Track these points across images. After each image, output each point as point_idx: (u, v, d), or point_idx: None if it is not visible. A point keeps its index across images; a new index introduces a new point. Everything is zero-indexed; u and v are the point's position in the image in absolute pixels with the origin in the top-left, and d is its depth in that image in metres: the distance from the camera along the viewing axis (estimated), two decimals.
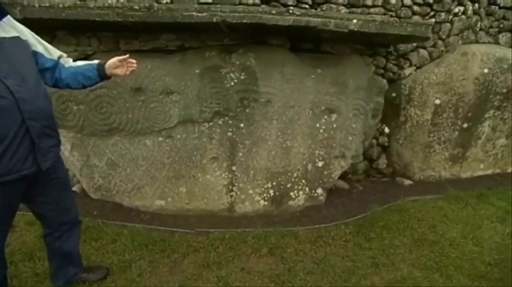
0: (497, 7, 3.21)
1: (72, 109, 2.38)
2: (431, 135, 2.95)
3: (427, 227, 2.45)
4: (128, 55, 1.51)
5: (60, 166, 1.54)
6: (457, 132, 2.99)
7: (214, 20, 1.90)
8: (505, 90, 2.98)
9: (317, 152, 2.70)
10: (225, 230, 2.40)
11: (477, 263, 2.14)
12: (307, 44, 2.71)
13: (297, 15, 1.94)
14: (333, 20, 1.96)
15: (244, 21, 1.91)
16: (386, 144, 3.21)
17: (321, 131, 2.67)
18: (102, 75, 1.49)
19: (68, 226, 1.61)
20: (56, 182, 1.48)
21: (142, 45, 2.45)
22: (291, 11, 1.93)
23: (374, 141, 3.17)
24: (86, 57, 2.41)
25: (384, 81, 2.83)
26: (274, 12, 1.92)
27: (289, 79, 2.51)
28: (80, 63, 1.51)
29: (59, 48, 1.51)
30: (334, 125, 2.69)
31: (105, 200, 2.67)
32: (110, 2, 2.29)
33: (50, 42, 1.48)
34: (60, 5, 1.91)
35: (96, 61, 1.51)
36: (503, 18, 3.28)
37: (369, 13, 2.69)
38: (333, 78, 2.61)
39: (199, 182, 2.60)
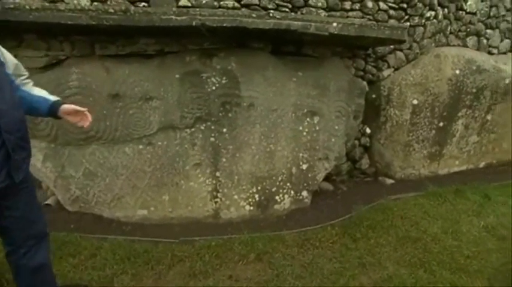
0: (464, 12, 3.39)
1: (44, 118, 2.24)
2: (411, 134, 3.05)
3: (410, 224, 2.52)
4: (86, 109, 1.43)
5: (29, 176, 1.45)
6: (434, 131, 3.11)
7: (194, 23, 1.86)
8: (474, 90, 3.14)
9: (301, 155, 2.71)
10: (210, 237, 2.34)
11: (457, 256, 2.21)
12: (289, 47, 2.73)
13: (278, 19, 1.94)
14: (313, 24, 1.98)
15: (225, 24, 1.89)
16: (368, 144, 3.28)
17: (304, 133, 2.68)
18: (53, 113, 1.40)
19: (35, 240, 1.49)
20: (25, 193, 1.39)
21: (119, 49, 2.36)
22: (271, 15, 1.93)
23: (356, 142, 3.23)
24: (59, 63, 2.29)
25: (364, 83, 2.90)
26: (254, 15, 1.91)
27: (271, 82, 2.51)
28: (36, 92, 1.42)
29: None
30: (317, 128, 2.71)
31: (83, 212, 2.54)
32: (82, 4, 2.20)
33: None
34: (27, 7, 1.80)
35: (53, 98, 1.42)
36: (470, 23, 3.47)
37: (347, 16, 2.75)
38: (314, 81, 2.63)
39: (183, 189, 2.53)
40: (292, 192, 2.75)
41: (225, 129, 2.47)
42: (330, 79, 2.66)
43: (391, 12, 2.92)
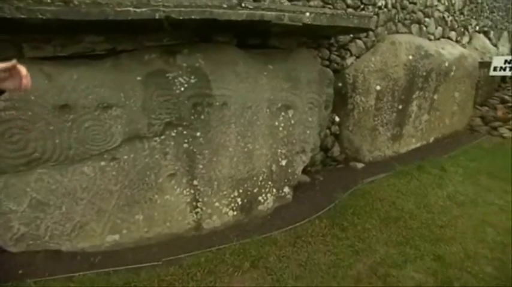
0: (408, 2, 3.66)
1: None
2: (376, 119, 3.20)
3: (388, 205, 2.65)
4: (14, 61, 0.98)
5: None
6: (394, 114, 3.31)
7: (157, 16, 1.60)
8: (425, 73, 3.42)
9: (279, 151, 2.63)
10: (197, 252, 2.14)
11: (433, 228, 2.40)
12: (255, 39, 2.59)
13: (250, 9, 1.78)
14: (286, 14, 1.87)
15: (193, 16, 1.67)
16: (337, 132, 3.36)
17: (280, 128, 2.61)
18: None
19: None
20: None
21: (58, 50, 1.95)
22: (243, 5, 1.76)
23: (327, 131, 3.28)
24: None
25: (331, 72, 2.92)
26: (225, 6, 1.73)
27: (243, 78, 2.36)
28: None
29: None
30: (292, 121, 2.66)
31: (34, 251, 2.09)
32: None
33: None
34: None
35: None
36: (412, 11, 3.76)
37: (309, 6, 2.71)
38: (285, 73, 2.55)
39: (158, 204, 2.26)
40: (274, 190, 2.67)
41: (198, 133, 2.25)
42: (300, 71, 2.61)
43: (349, 1, 2.97)
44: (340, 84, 3.11)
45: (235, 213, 2.51)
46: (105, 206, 2.13)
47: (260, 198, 2.60)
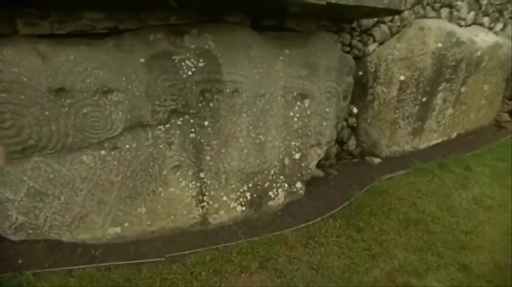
0: None
1: None
2: (397, 111, 2.96)
3: (408, 205, 2.46)
4: None
5: None
6: (417, 107, 3.06)
7: None
8: (454, 63, 3.12)
9: (293, 143, 2.45)
10: (202, 249, 2.02)
11: (457, 233, 2.21)
12: (270, 20, 2.35)
13: None
14: None
15: None
16: (355, 125, 3.14)
17: (295, 119, 2.41)
18: None
19: None
20: None
21: (55, 28, 1.78)
22: None
23: (344, 123, 3.06)
24: None
25: (352, 59, 2.67)
26: None
27: (257, 63, 2.15)
28: None
29: None
30: (308, 112, 2.45)
31: (35, 240, 2.01)
32: None
33: None
34: None
35: None
36: None
37: None
38: (303, 59, 2.33)
39: (162, 197, 2.13)
40: (285, 185, 2.51)
41: (206, 123, 2.08)
42: (320, 57, 2.38)
43: None
44: (360, 73, 2.87)
45: (243, 208, 2.37)
46: (106, 197, 2.01)
47: (271, 193, 2.45)
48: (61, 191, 1.90)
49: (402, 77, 2.80)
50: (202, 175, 2.19)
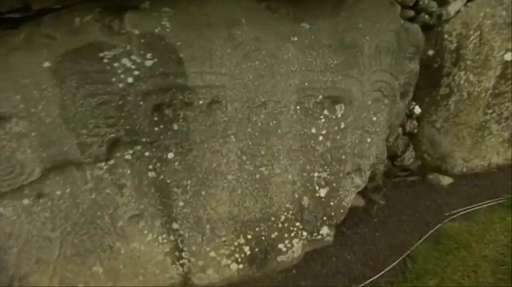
0: None
1: None
2: (489, 111, 1.80)
3: (502, 273, 1.44)
4: None
5: None
6: None
7: None
8: None
9: (316, 174, 1.58)
10: None
11: None
12: None
13: None
14: None
15: None
16: (415, 131, 2.06)
17: (320, 138, 1.51)
18: None
19: None
20: None
21: None
22: None
23: (400, 130, 2.02)
24: None
25: (420, 31, 1.56)
26: None
27: (249, 51, 1.27)
28: None
29: None
30: (342, 125, 1.52)
31: None
32: None
33: None
34: None
35: None
36: None
37: None
38: (333, 37, 1.36)
39: (123, 254, 1.53)
40: (304, 233, 1.69)
41: (171, 155, 1.34)
42: (363, 31, 1.37)
43: None
44: (430, 53, 1.74)
45: (240, 266, 1.65)
46: (46, 256, 1.47)
47: (281, 246, 1.67)
48: None
49: (508, 56, 1.59)
50: (176, 225, 1.51)
